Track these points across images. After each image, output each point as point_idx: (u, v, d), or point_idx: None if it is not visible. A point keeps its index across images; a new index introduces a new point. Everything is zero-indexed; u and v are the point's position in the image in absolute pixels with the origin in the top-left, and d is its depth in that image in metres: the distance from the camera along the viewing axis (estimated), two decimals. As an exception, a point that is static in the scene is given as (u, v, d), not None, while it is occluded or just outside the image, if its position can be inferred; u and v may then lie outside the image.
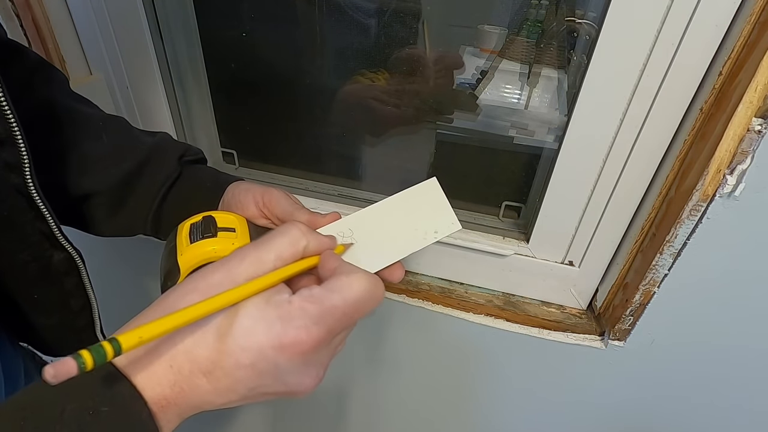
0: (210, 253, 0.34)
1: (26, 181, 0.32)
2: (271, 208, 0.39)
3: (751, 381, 0.54)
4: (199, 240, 0.34)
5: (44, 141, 0.36)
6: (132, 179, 0.41)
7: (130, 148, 0.42)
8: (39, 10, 0.53)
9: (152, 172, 0.42)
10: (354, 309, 0.26)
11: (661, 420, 0.62)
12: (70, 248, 0.37)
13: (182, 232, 0.36)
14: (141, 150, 0.42)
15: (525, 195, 0.60)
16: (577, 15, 0.49)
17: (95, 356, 0.19)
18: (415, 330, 0.64)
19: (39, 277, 0.37)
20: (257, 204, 0.39)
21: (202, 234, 0.35)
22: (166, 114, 0.62)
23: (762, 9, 0.35)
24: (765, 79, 0.36)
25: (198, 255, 0.34)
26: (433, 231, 0.36)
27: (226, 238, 0.35)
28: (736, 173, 0.40)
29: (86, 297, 0.41)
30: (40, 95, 0.39)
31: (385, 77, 0.58)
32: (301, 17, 0.57)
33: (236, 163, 0.70)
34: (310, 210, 0.38)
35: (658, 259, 0.46)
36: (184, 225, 0.37)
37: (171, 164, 0.43)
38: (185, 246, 0.34)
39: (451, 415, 0.73)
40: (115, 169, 0.40)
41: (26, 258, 0.35)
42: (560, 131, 0.51)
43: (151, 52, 0.57)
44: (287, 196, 0.40)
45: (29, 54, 0.41)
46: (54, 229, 0.35)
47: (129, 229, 0.43)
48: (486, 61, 0.54)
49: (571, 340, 0.57)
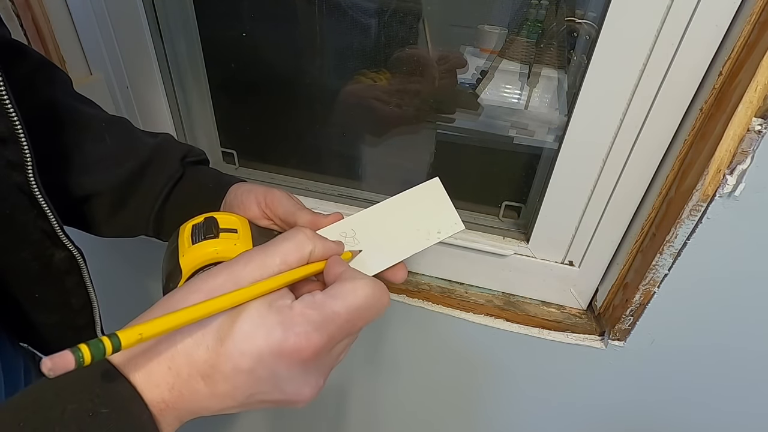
0: (212, 254, 0.34)
1: (29, 179, 0.32)
2: (273, 209, 0.39)
3: (751, 381, 0.54)
4: (201, 241, 0.34)
5: (46, 141, 0.36)
6: (134, 180, 0.41)
7: (132, 149, 0.42)
8: (39, 10, 0.53)
9: (154, 173, 0.42)
10: (357, 316, 0.26)
11: (661, 420, 0.62)
12: (72, 247, 0.37)
13: (184, 233, 0.36)
14: (143, 151, 0.42)
15: (525, 195, 0.60)
16: (577, 15, 0.49)
17: (93, 351, 0.19)
18: (414, 330, 0.64)
19: (40, 276, 0.37)
20: (259, 205, 0.39)
21: (204, 235, 0.35)
22: (166, 114, 0.62)
23: (762, 9, 0.35)
24: (765, 79, 0.36)
25: (200, 256, 0.34)
26: (436, 231, 0.35)
27: (228, 239, 0.35)
28: (736, 173, 0.40)
29: (87, 296, 0.41)
30: (42, 95, 0.39)
31: (386, 77, 0.58)
32: (301, 17, 0.57)
33: (236, 163, 0.70)
34: (312, 210, 0.38)
35: (658, 259, 0.46)
36: (186, 226, 0.37)
37: (173, 165, 0.43)
38: (187, 247, 0.34)
39: (450, 415, 0.73)
40: (117, 169, 0.40)
41: (27, 257, 0.35)
42: (560, 131, 0.51)
43: (151, 52, 0.57)
44: (289, 196, 0.40)
45: (32, 54, 0.41)
46: (56, 227, 0.35)
47: (130, 230, 0.43)
48: (486, 61, 0.54)
49: (571, 340, 0.57)
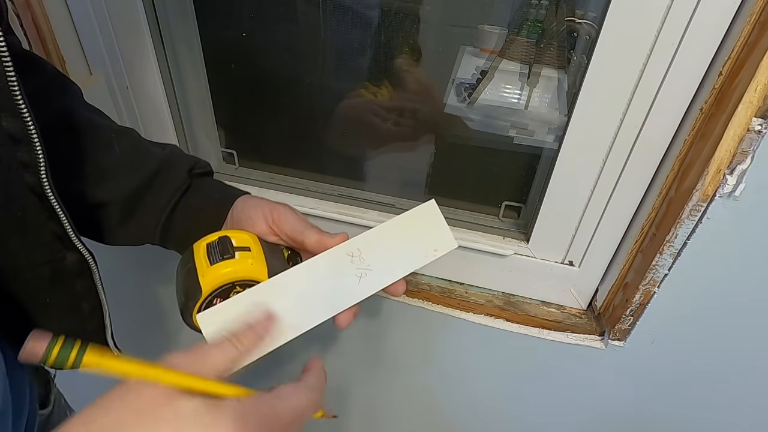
0: (231, 275, 0.35)
1: (41, 180, 0.32)
2: (281, 226, 0.39)
3: (750, 381, 0.54)
4: (219, 261, 0.36)
5: (57, 150, 0.35)
6: (142, 190, 0.41)
7: (141, 160, 0.42)
8: (39, 10, 0.53)
9: (162, 184, 0.42)
10: None
11: (661, 420, 0.62)
12: (83, 249, 0.37)
13: (199, 252, 0.37)
14: (152, 161, 0.42)
15: (525, 195, 0.60)
16: (577, 15, 0.49)
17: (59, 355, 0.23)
18: (414, 330, 0.64)
19: (51, 280, 0.36)
20: (267, 221, 0.40)
21: (222, 255, 0.36)
22: (166, 114, 0.62)
23: (762, 9, 0.35)
24: (765, 79, 0.36)
25: (220, 276, 0.35)
26: (432, 249, 0.38)
27: (244, 259, 0.36)
28: (736, 173, 0.40)
29: (98, 299, 0.40)
30: (55, 105, 0.40)
31: (388, 91, 0.58)
32: (301, 17, 0.57)
33: (236, 163, 0.70)
34: (319, 229, 0.38)
35: (658, 259, 0.46)
36: (201, 244, 0.37)
37: (181, 176, 0.43)
38: (206, 268, 0.36)
39: (450, 415, 0.73)
40: (127, 179, 0.41)
41: (38, 260, 0.35)
42: (560, 131, 0.51)
43: (151, 52, 0.57)
44: (295, 213, 0.40)
45: (46, 66, 0.42)
46: (68, 229, 0.35)
47: (138, 239, 0.43)
48: (486, 61, 0.54)
49: (571, 340, 0.57)
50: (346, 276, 0.36)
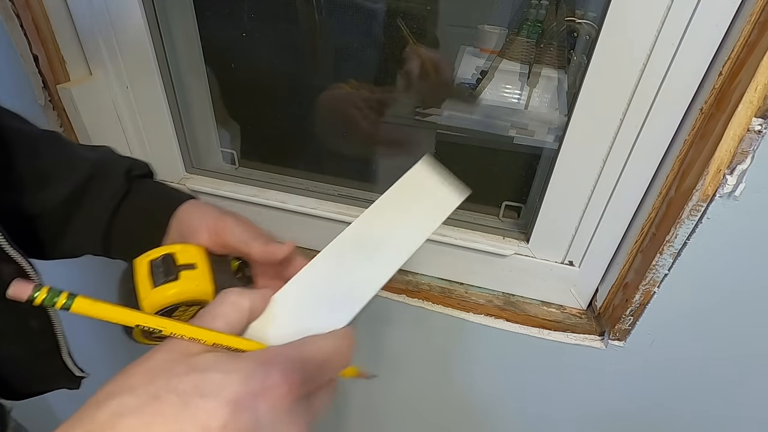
0: (173, 297, 0.33)
1: None
2: (224, 239, 0.37)
3: (750, 380, 0.54)
4: (162, 284, 0.33)
5: None
6: (76, 197, 0.39)
7: (69, 164, 0.39)
8: (39, 10, 0.52)
9: (97, 189, 0.39)
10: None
11: (661, 420, 0.62)
12: (21, 260, 0.33)
13: (141, 272, 0.34)
14: (83, 166, 0.39)
15: (525, 195, 0.60)
16: (577, 15, 0.49)
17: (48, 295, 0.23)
18: (414, 330, 0.64)
19: None
20: (210, 234, 0.37)
21: (165, 276, 0.33)
22: (166, 114, 0.62)
23: (762, 9, 0.35)
24: (765, 79, 0.36)
25: (161, 300, 0.33)
26: (440, 210, 0.36)
27: (188, 279, 0.34)
28: (736, 173, 0.40)
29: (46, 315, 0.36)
30: None
31: (369, 87, 0.57)
32: (300, 17, 0.57)
33: (236, 163, 0.70)
34: (268, 238, 0.36)
35: (658, 259, 0.46)
36: (143, 262, 0.35)
37: (117, 180, 0.40)
38: (148, 290, 0.33)
39: (450, 415, 0.73)
40: (57, 187, 0.38)
41: None
42: (560, 131, 0.51)
43: (151, 52, 0.57)
44: (241, 223, 0.37)
45: None
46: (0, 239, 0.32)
47: (78, 249, 0.41)
48: (486, 61, 0.54)
49: (571, 340, 0.57)
50: (355, 267, 0.32)
